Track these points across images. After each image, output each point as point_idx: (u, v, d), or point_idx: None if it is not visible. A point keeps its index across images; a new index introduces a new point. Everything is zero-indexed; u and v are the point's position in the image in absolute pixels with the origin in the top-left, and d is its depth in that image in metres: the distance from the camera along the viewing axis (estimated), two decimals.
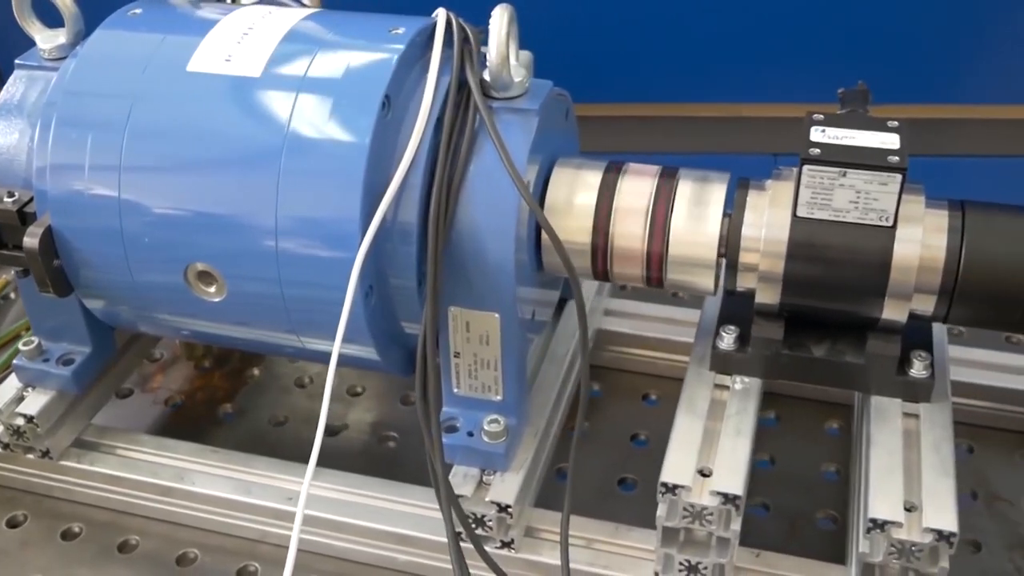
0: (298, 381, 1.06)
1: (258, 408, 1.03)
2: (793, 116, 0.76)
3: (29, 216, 0.80)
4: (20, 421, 0.87)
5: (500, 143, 0.72)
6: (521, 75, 0.76)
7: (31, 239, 0.78)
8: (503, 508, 0.78)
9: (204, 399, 1.04)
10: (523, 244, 0.76)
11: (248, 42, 0.77)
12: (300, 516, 0.72)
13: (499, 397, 0.81)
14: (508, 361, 0.79)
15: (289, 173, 0.73)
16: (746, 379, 0.81)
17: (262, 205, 0.73)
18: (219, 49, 0.77)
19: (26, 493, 0.94)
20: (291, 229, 0.74)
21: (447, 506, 0.75)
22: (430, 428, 0.75)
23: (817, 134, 0.73)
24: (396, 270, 0.76)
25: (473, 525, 0.80)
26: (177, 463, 0.91)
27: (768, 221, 0.75)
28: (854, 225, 0.72)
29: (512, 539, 0.81)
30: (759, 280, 0.75)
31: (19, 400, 0.89)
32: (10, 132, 0.82)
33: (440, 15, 0.79)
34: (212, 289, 0.78)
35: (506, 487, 0.79)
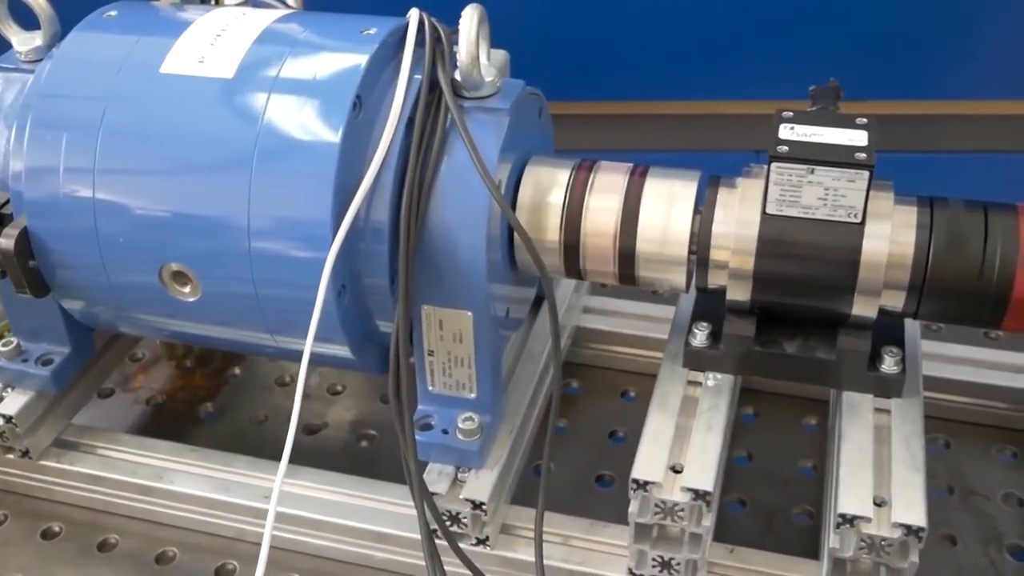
0: (279, 380, 1.06)
1: (239, 407, 1.04)
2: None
3: (5, 217, 0.81)
4: (0, 421, 0.88)
5: (470, 142, 0.73)
6: (492, 75, 0.77)
7: (7, 240, 0.79)
8: (477, 505, 0.79)
9: (185, 398, 1.05)
10: (495, 242, 0.77)
11: (221, 43, 0.78)
12: (272, 513, 0.72)
13: (473, 395, 0.81)
14: (482, 359, 0.79)
15: (261, 174, 0.73)
16: (719, 376, 0.81)
17: (235, 206, 0.74)
18: (192, 51, 0.78)
19: (6, 493, 0.94)
20: (264, 229, 0.74)
21: (420, 503, 0.76)
22: (403, 426, 0.75)
23: (786, 131, 0.73)
24: (369, 269, 0.76)
25: (448, 522, 0.80)
26: (156, 462, 0.91)
27: (738, 218, 0.75)
28: (823, 222, 0.73)
29: (487, 536, 0.81)
30: (730, 277, 0.76)
31: None
32: None
33: (413, 15, 0.79)
34: (187, 289, 0.78)
35: (480, 484, 0.80)
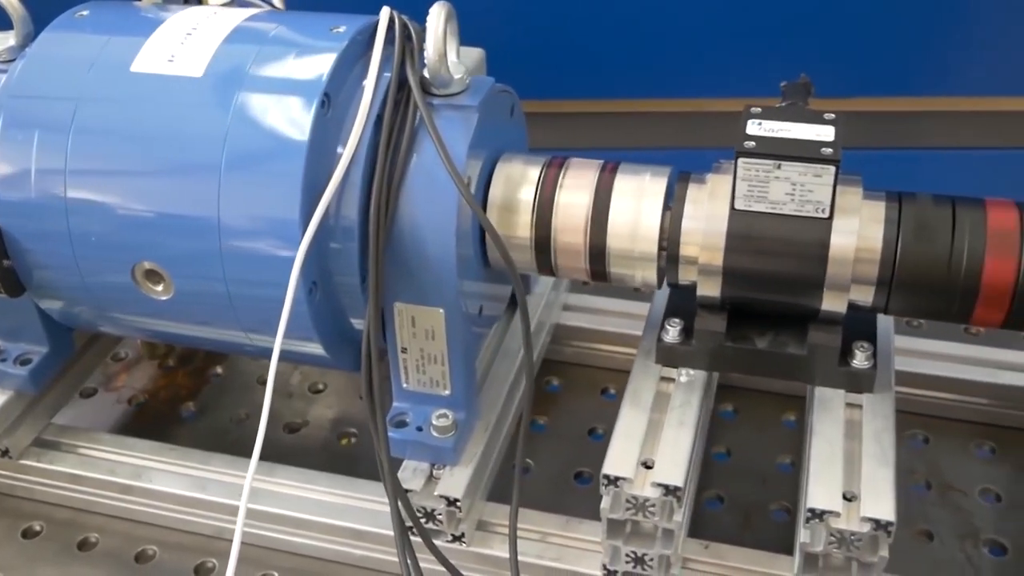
0: (260, 379, 1.07)
1: (220, 406, 1.04)
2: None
3: None
4: None
5: (438, 139, 0.73)
6: (461, 72, 0.77)
7: None
8: (452, 502, 0.79)
9: (167, 398, 1.05)
10: (466, 239, 0.77)
11: (191, 42, 0.78)
12: (243, 510, 0.72)
13: (448, 392, 0.81)
14: (455, 356, 0.79)
15: (230, 172, 0.73)
16: (691, 372, 0.81)
17: (204, 204, 0.74)
18: (162, 49, 0.78)
19: None
20: (234, 228, 0.74)
21: (394, 500, 0.76)
22: (376, 423, 0.75)
23: (753, 127, 0.73)
24: (340, 267, 0.77)
25: (424, 519, 0.80)
26: (136, 461, 0.92)
27: (707, 214, 0.75)
28: (791, 217, 0.73)
29: (463, 533, 0.81)
30: (699, 273, 0.76)
31: None
32: None
33: (384, 13, 0.79)
34: (160, 288, 0.79)
35: (455, 481, 0.80)
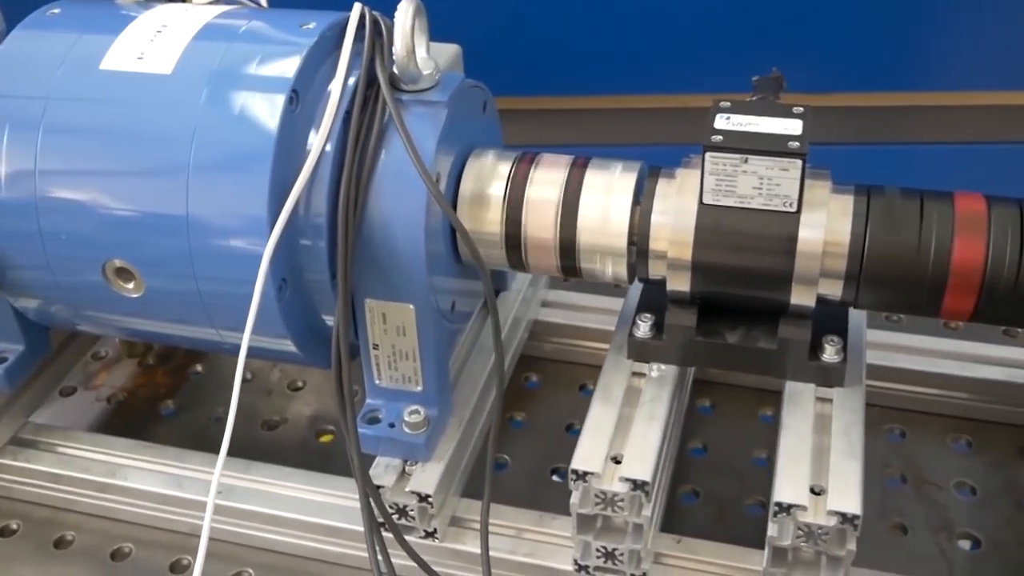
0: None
1: (199, 404, 1.04)
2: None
3: None
4: None
5: (406, 135, 0.73)
6: (431, 67, 0.77)
7: None
8: (423, 498, 0.79)
9: (146, 396, 1.05)
10: (436, 235, 0.77)
11: (161, 40, 0.78)
12: (211, 506, 0.73)
13: (420, 388, 0.81)
14: (426, 352, 0.79)
15: (198, 169, 0.74)
16: (663, 366, 0.81)
17: (173, 201, 0.74)
18: (132, 47, 0.78)
19: None
20: (202, 225, 0.74)
21: (364, 496, 0.76)
22: (346, 419, 0.75)
23: (721, 121, 0.73)
24: (310, 264, 0.77)
25: (396, 515, 0.80)
26: (112, 459, 0.92)
27: (676, 208, 0.75)
28: (759, 211, 0.73)
29: (435, 529, 0.81)
30: (669, 268, 0.76)
31: None
32: None
33: (355, 9, 0.79)
34: (131, 286, 0.79)
35: (427, 477, 0.80)
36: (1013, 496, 0.90)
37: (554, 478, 0.94)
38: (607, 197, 0.77)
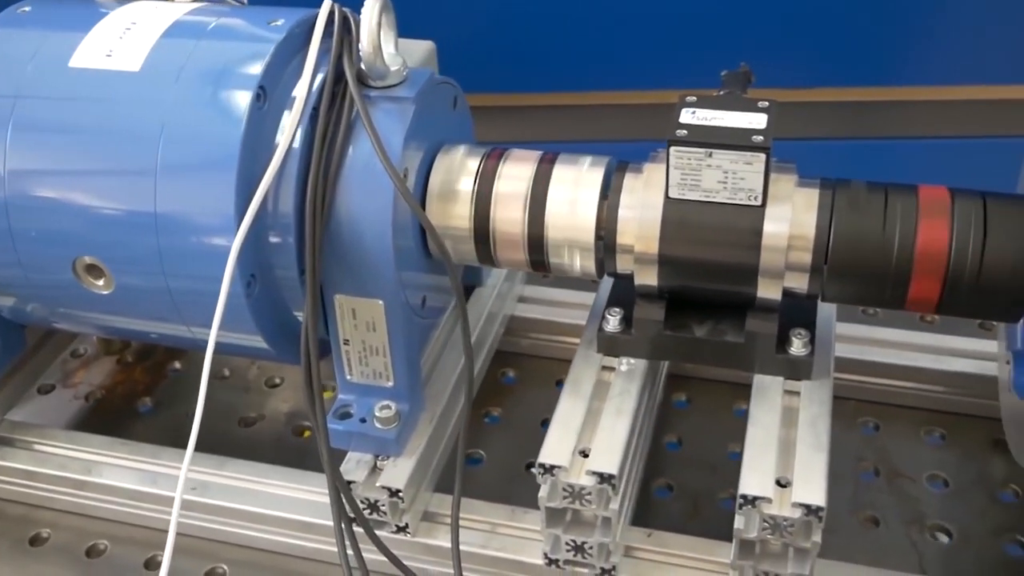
0: (217, 374, 1.07)
1: (177, 401, 1.04)
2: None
3: None
4: None
5: (372, 130, 0.73)
6: (398, 64, 0.77)
7: None
8: (394, 493, 0.79)
9: (124, 393, 1.05)
10: (405, 231, 0.77)
11: (130, 37, 0.78)
12: (179, 501, 0.73)
13: (391, 383, 0.82)
14: (396, 347, 0.80)
15: (166, 166, 0.74)
16: (632, 360, 0.81)
17: (141, 198, 0.74)
18: (101, 44, 0.78)
19: None
20: (170, 221, 0.75)
21: (334, 491, 0.76)
22: (315, 414, 0.76)
23: (687, 116, 0.74)
24: (279, 260, 0.77)
25: (368, 510, 0.81)
26: (87, 456, 0.92)
27: (643, 203, 0.75)
28: (724, 205, 0.73)
29: (407, 524, 0.81)
30: (636, 262, 0.76)
31: None
32: None
33: (324, 6, 0.80)
34: (101, 282, 0.79)
35: (398, 472, 0.80)
36: (986, 488, 0.90)
37: (532, 471, 0.94)
38: (575, 192, 0.77)
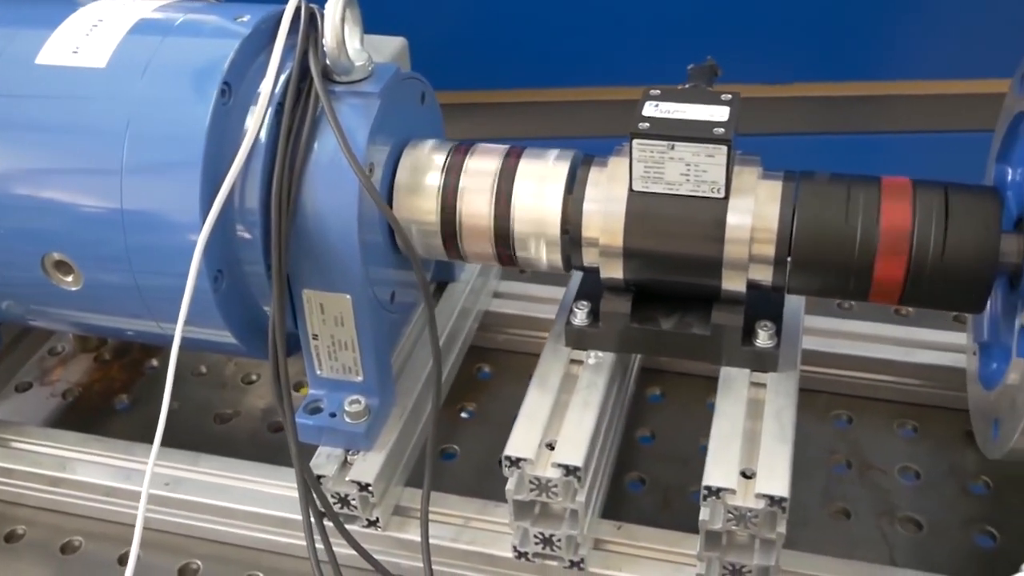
0: (194, 370, 1.07)
1: (154, 398, 1.03)
2: (754, 97, 0.76)
3: None
4: None
5: (336, 125, 0.73)
6: (363, 59, 0.77)
7: None
8: (364, 487, 0.79)
9: (101, 390, 1.06)
10: (371, 225, 0.77)
11: (97, 34, 0.78)
12: (145, 495, 0.73)
13: (360, 378, 0.82)
14: (365, 342, 0.80)
15: (132, 162, 0.74)
16: (600, 354, 0.81)
17: (108, 194, 0.75)
18: (68, 41, 0.78)
19: None
20: (137, 217, 0.75)
21: (302, 485, 0.76)
22: (283, 409, 0.76)
23: (650, 109, 0.74)
24: (246, 256, 0.77)
25: (339, 505, 0.81)
26: (62, 453, 0.92)
27: (607, 196, 0.75)
28: (687, 197, 0.73)
29: (377, 518, 0.82)
30: (601, 255, 0.76)
31: None
32: None
33: (290, 2, 0.80)
34: (70, 279, 0.79)
35: (367, 466, 0.80)
36: (957, 480, 0.90)
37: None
38: (540, 185, 0.78)
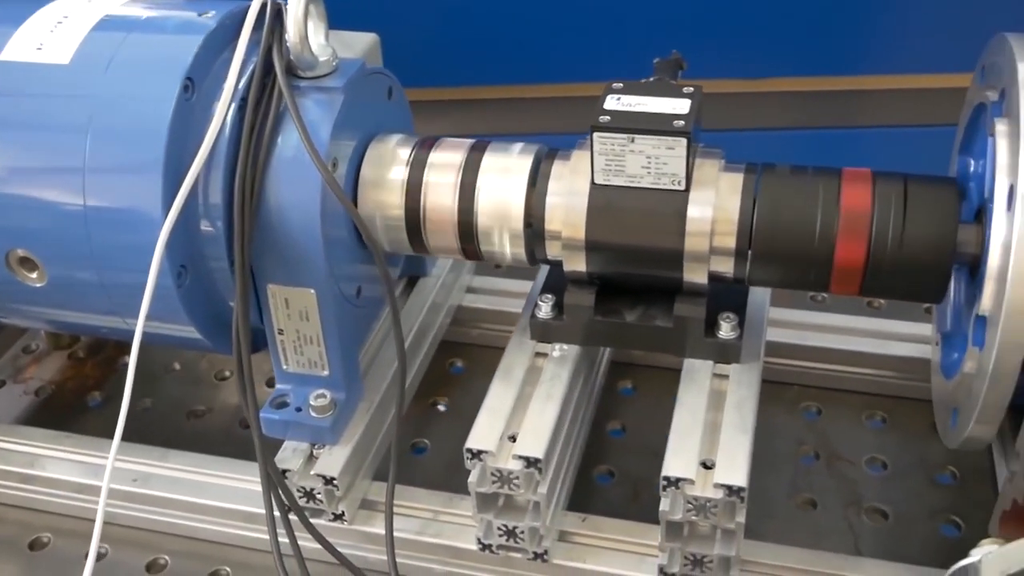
0: (168, 367, 1.07)
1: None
2: (731, 92, 0.76)
3: None
4: None
5: (299, 120, 0.73)
6: (327, 54, 0.77)
7: None
8: (329, 481, 0.80)
9: (74, 388, 1.06)
10: (335, 220, 0.77)
11: (62, 30, 0.79)
12: (105, 490, 0.73)
13: (326, 372, 0.82)
14: (330, 336, 0.80)
15: (94, 158, 0.74)
16: (565, 347, 0.82)
17: (70, 190, 0.75)
18: (32, 38, 0.78)
19: None
20: (99, 213, 0.75)
21: (266, 479, 0.77)
22: (247, 404, 0.76)
23: (612, 102, 0.74)
24: (210, 251, 0.77)
25: (304, 499, 0.81)
26: (32, 450, 0.92)
27: (569, 189, 0.76)
28: (648, 190, 0.74)
29: (343, 511, 0.82)
30: (564, 248, 0.77)
31: None
32: None
33: None
34: (34, 275, 0.79)
35: (332, 460, 0.81)
36: (924, 470, 0.91)
37: None
38: (504, 179, 0.78)
